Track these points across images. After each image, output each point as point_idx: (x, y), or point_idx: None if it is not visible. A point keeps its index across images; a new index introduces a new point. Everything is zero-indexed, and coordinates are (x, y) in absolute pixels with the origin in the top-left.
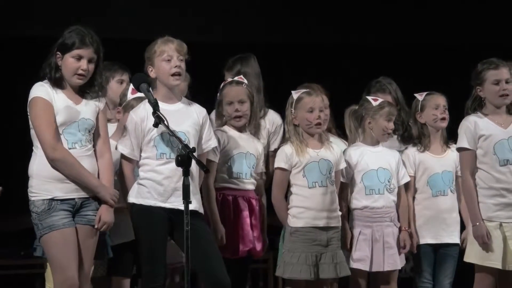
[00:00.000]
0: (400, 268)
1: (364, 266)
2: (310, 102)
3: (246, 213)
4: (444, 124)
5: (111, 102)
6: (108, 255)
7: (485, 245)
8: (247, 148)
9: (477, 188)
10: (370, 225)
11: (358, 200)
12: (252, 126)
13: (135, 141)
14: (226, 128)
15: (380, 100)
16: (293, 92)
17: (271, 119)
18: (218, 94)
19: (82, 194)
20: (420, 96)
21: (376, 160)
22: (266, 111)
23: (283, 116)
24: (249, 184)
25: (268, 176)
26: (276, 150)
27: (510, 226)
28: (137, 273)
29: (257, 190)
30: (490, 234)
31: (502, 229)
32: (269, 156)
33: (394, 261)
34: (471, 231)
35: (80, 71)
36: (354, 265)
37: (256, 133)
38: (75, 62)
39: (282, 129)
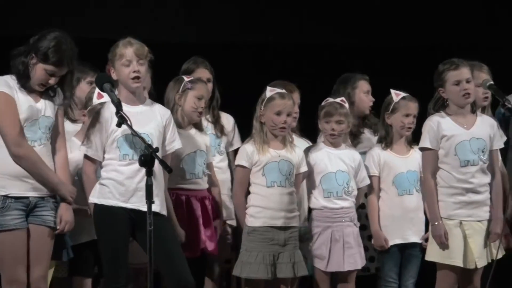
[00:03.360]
0: (360, 268)
1: (321, 266)
2: (280, 105)
3: (199, 213)
4: (409, 133)
5: (79, 102)
6: (68, 255)
7: (442, 244)
8: (197, 146)
9: (438, 187)
10: (330, 225)
11: (317, 200)
12: (218, 126)
13: (99, 142)
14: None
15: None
16: (268, 88)
17: (225, 119)
18: (183, 84)
19: (38, 193)
20: (396, 96)
21: (336, 163)
22: (219, 113)
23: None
24: (203, 183)
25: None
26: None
27: (470, 224)
28: (99, 273)
29: (210, 182)
30: (448, 234)
31: (462, 227)
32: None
33: (354, 261)
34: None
35: (47, 84)
36: (314, 263)
37: (221, 131)
38: (45, 75)
39: (236, 127)
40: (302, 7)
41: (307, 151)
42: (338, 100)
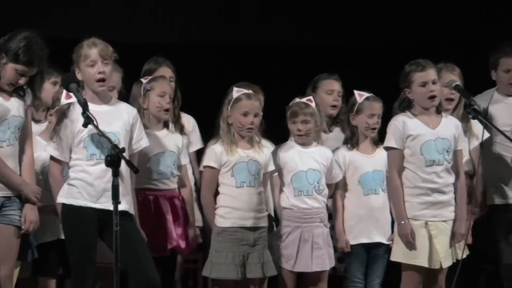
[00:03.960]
0: (328, 268)
1: (289, 266)
2: (247, 105)
3: (167, 211)
4: (374, 133)
5: (43, 103)
6: (33, 255)
7: (411, 244)
8: (167, 146)
9: (403, 187)
10: (299, 225)
11: (287, 199)
12: (177, 125)
13: (65, 143)
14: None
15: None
16: (234, 89)
17: (186, 120)
18: (143, 85)
19: (4, 193)
20: (359, 97)
21: (307, 161)
22: (180, 113)
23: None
24: (171, 183)
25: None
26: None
27: (435, 224)
28: (64, 274)
29: (180, 183)
30: (415, 233)
31: (427, 227)
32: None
33: (322, 262)
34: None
35: (17, 84)
36: (282, 264)
37: (181, 131)
38: (16, 75)
39: (197, 128)
40: (268, 6)
41: (277, 149)
42: (304, 99)
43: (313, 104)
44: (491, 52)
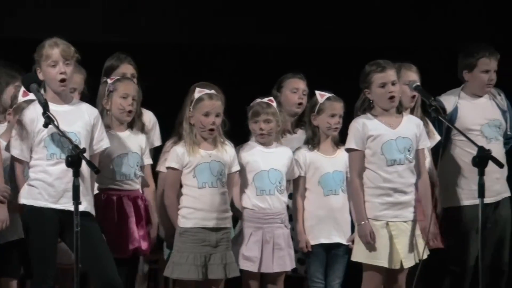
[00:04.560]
0: (289, 269)
1: (253, 267)
2: (208, 105)
3: (130, 212)
4: (335, 133)
5: (4, 105)
6: None
7: (369, 244)
8: (130, 147)
9: (364, 187)
10: (261, 226)
11: (249, 199)
12: (138, 123)
13: (25, 143)
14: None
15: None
16: (196, 89)
17: (147, 117)
18: (107, 86)
19: None
20: (320, 97)
21: (269, 161)
22: (141, 111)
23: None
24: (134, 184)
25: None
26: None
27: (396, 225)
28: (25, 274)
29: (143, 183)
30: (375, 234)
31: (388, 228)
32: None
33: (283, 263)
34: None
35: None
36: (244, 266)
37: (142, 130)
38: None
39: (157, 125)
40: (228, 6)
41: (239, 150)
42: (265, 99)
43: (274, 104)
44: (466, 52)
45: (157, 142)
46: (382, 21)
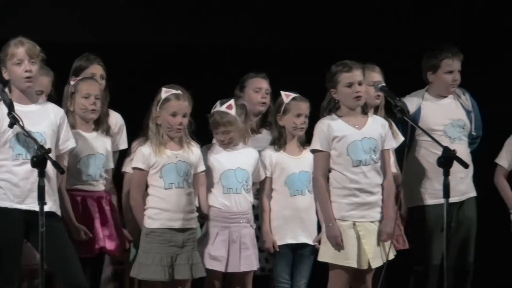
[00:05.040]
0: (256, 268)
1: (220, 267)
2: (175, 106)
3: (94, 212)
4: (302, 133)
5: None
6: None
7: (338, 246)
8: (96, 148)
9: (331, 188)
10: (227, 225)
11: (216, 198)
12: (104, 124)
13: None
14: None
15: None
16: (163, 89)
17: (114, 119)
18: (70, 88)
19: None
20: (286, 97)
21: (235, 161)
22: (108, 112)
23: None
24: (99, 185)
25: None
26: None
27: (363, 225)
28: None
29: (109, 185)
30: (343, 234)
31: (355, 228)
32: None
33: (250, 262)
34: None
35: None
36: (210, 265)
37: (107, 132)
38: None
39: (124, 128)
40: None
41: (205, 149)
42: (224, 107)
43: (232, 111)
44: (429, 54)
45: (123, 145)
46: (346, 22)
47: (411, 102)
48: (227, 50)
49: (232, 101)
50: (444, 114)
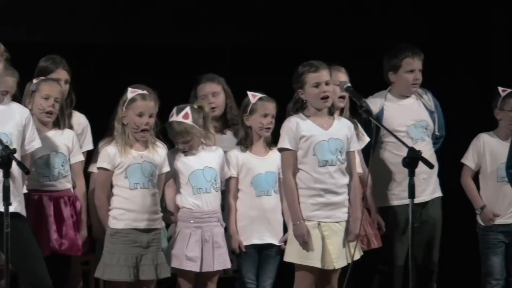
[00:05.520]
0: (229, 267)
1: (196, 267)
2: (142, 106)
3: (49, 212)
4: (268, 133)
5: None
6: None
7: (305, 244)
8: (55, 147)
9: (297, 188)
10: (199, 225)
11: (185, 199)
12: (65, 121)
13: None
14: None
15: None
16: (129, 89)
17: (77, 120)
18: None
19: None
20: (252, 97)
21: (202, 160)
22: (71, 113)
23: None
24: (59, 185)
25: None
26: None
27: (328, 225)
28: None
29: (73, 182)
30: (310, 233)
31: (320, 228)
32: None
33: (224, 260)
34: (291, 230)
35: None
36: (186, 266)
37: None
38: None
39: (89, 129)
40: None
41: (172, 151)
42: (180, 116)
43: (189, 120)
44: (390, 54)
45: (88, 146)
46: (312, 22)
47: (374, 103)
48: (192, 50)
49: (188, 109)
50: (407, 114)
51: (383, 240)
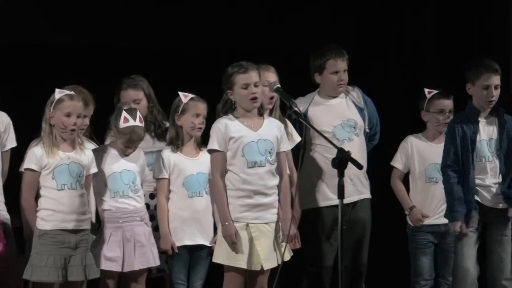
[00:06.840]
0: (153, 265)
1: (116, 267)
2: (70, 106)
3: None
4: (199, 133)
5: None
6: None
7: (233, 245)
8: None
9: (226, 189)
10: (120, 225)
11: (105, 201)
12: None
13: None
14: None
15: None
16: (57, 90)
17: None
18: None
19: None
20: (184, 98)
21: (120, 163)
22: None
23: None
24: None
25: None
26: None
27: (256, 227)
28: None
29: None
30: (239, 234)
31: (248, 229)
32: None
33: (146, 259)
34: (220, 231)
35: None
36: (106, 266)
37: None
38: None
39: (11, 127)
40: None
41: (97, 152)
42: (137, 118)
43: (142, 124)
44: (315, 55)
45: (11, 144)
46: (240, 23)
47: (300, 104)
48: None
49: (139, 113)
50: (334, 115)
51: (311, 242)
